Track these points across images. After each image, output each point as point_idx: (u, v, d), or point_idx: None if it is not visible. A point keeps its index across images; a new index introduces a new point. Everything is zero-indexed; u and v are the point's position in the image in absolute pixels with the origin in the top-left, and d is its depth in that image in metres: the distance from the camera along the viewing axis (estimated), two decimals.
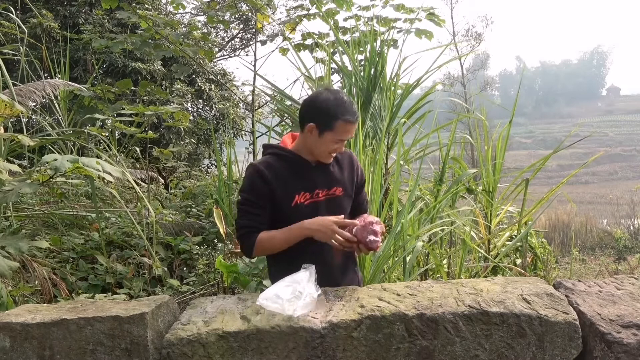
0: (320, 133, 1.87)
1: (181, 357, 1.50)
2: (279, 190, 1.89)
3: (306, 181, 1.93)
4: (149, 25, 5.43)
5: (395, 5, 5.55)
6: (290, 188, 1.91)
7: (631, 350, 1.44)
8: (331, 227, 1.79)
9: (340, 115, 1.84)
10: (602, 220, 14.80)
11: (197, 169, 9.24)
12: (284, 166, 1.93)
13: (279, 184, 1.89)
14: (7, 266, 2.35)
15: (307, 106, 1.93)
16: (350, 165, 2.06)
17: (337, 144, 1.89)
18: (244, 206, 1.91)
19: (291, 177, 1.92)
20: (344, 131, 1.86)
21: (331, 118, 1.85)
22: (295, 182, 1.92)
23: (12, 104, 2.75)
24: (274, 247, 1.90)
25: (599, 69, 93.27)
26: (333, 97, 1.88)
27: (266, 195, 1.88)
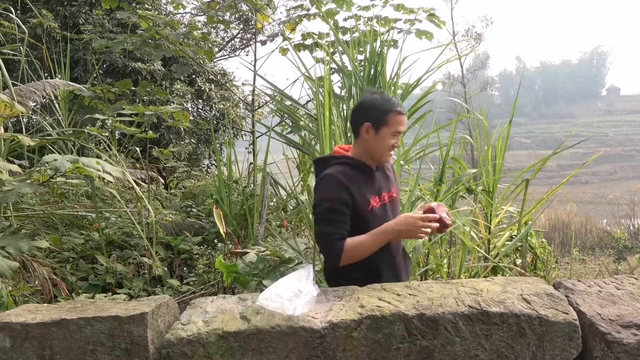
0: (377, 130, 1.95)
1: (181, 357, 1.50)
2: (357, 196, 1.92)
3: (374, 185, 2.01)
4: (149, 25, 5.44)
5: (395, 5, 5.55)
6: (365, 193, 1.95)
7: (631, 350, 1.44)
8: (417, 224, 1.84)
9: (392, 108, 1.94)
10: (602, 220, 14.80)
11: (197, 169, 9.23)
12: (356, 173, 1.97)
13: (356, 191, 1.92)
14: (7, 266, 2.35)
15: (357, 110, 2.04)
16: (392, 168, 2.20)
17: (394, 138, 1.97)
18: (326, 215, 1.89)
19: (363, 183, 1.97)
20: (397, 123, 1.95)
21: (383, 112, 1.94)
22: (367, 187, 1.98)
23: (12, 104, 2.75)
24: (363, 252, 1.89)
25: (599, 69, 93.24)
26: (379, 95, 2.01)
27: (347, 203, 1.89)
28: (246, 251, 3.21)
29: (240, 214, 4.55)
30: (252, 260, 2.99)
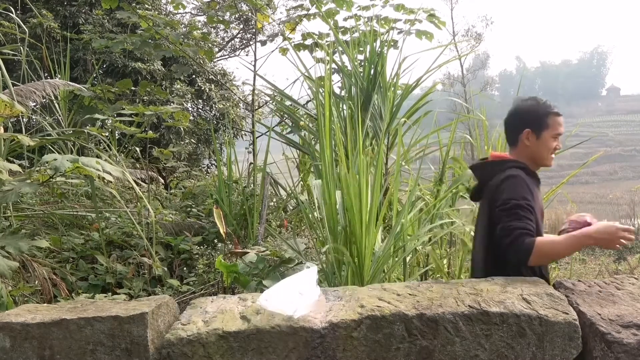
0: (538, 135, 2.01)
1: (181, 357, 1.50)
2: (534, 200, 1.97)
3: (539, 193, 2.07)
4: (149, 25, 5.43)
5: (395, 5, 5.55)
6: (537, 198, 2.01)
7: (631, 350, 1.44)
8: (618, 234, 1.80)
9: (550, 110, 2.00)
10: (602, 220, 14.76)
11: (197, 169, 9.23)
12: (530, 179, 2.02)
13: (533, 195, 1.97)
14: (6, 266, 2.35)
15: (513, 118, 2.09)
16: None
17: (556, 140, 2.03)
18: (515, 210, 1.88)
19: (535, 189, 2.03)
20: (557, 124, 2.01)
21: (543, 116, 2.00)
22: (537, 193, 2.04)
23: (11, 104, 2.75)
24: (556, 253, 1.89)
25: (599, 69, 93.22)
26: (534, 100, 2.05)
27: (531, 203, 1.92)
28: (246, 251, 3.21)
29: (240, 214, 4.55)
30: (252, 260, 2.99)
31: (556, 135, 2.02)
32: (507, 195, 1.92)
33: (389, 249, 2.79)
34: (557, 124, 2.01)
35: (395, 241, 2.85)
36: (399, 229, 2.86)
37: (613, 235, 1.80)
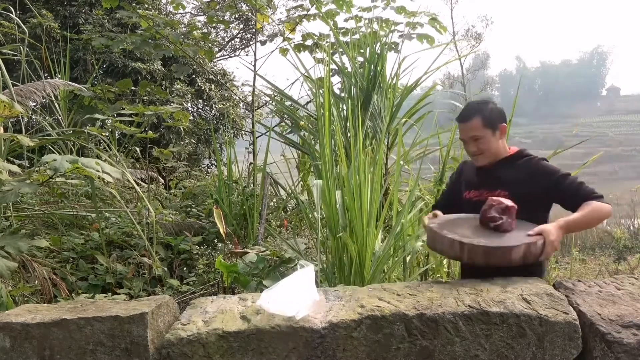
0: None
1: (181, 357, 1.50)
2: (460, 183, 2.30)
3: (475, 180, 2.22)
4: (149, 24, 5.43)
5: (396, 8, 5.54)
6: (465, 184, 2.27)
7: (631, 350, 1.44)
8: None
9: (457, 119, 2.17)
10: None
11: (197, 169, 9.23)
12: (471, 166, 2.27)
13: (462, 179, 2.30)
14: (5, 266, 2.35)
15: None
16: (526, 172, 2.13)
17: (465, 144, 2.18)
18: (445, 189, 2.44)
19: (468, 176, 2.28)
20: (459, 131, 2.18)
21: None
22: (469, 180, 2.26)
23: (11, 104, 2.75)
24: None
25: (599, 69, 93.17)
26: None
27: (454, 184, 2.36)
28: (246, 251, 3.21)
29: (240, 214, 4.55)
30: (252, 260, 2.99)
31: (462, 140, 2.20)
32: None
33: (389, 249, 2.79)
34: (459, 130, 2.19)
35: (395, 241, 2.85)
36: (399, 229, 2.86)
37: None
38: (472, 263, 1.83)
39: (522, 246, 1.75)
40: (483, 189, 2.16)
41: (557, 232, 1.88)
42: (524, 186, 2.09)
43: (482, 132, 2.11)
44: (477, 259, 1.76)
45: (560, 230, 1.91)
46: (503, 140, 2.19)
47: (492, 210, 1.90)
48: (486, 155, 2.15)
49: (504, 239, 1.80)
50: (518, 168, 2.15)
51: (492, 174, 2.16)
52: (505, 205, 1.89)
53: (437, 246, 1.90)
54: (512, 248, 1.74)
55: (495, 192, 2.10)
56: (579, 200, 2.06)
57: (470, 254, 1.75)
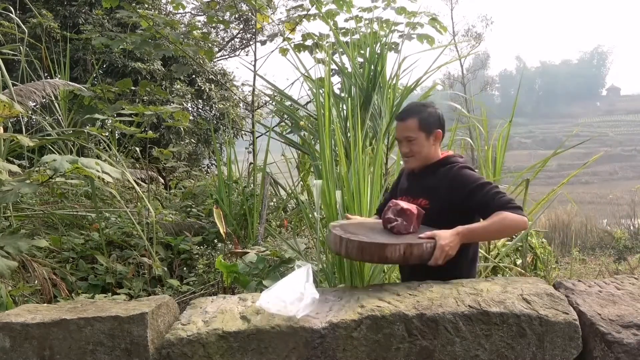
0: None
1: (181, 357, 1.50)
2: (397, 188, 2.30)
3: (404, 186, 2.23)
4: (149, 24, 5.43)
5: (396, 9, 5.54)
6: (399, 188, 2.27)
7: (631, 350, 1.44)
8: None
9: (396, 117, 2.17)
10: (602, 220, 14.78)
11: (197, 169, 9.23)
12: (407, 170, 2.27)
13: (398, 183, 2.31)
14: (5, 266, 2.35)
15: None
16: (445, 180, 2.07)
17: (399, 144, 2.17)
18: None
19: (403, 180, 2.28)
20: (396, 129, 2.17)
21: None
22: (402, 185, 2.26)
23: (11, 104, 2.75)
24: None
25: (599, 69, 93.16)
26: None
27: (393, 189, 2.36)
28: (246, 251, 3.21)
29: (240, 214, 4.55)
30: (252, 260, 2.99)
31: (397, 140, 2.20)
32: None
33: None
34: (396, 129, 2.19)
35: None
36: None
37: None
38: (349, 257, 1.89)
39: (401, 246, 1.73)
40: (409, 195, 2.13)
41: (451, 238, 1.80)
42: (443, 195, 2.04)
43: (416, 134, 2.08)
44: (353, 254, 1.79)
45: (457, 236, 1.83)
46: (437, 147, 2.14)
47: (389, 212, 1.91)
48: (417, 159, 2.11)
49: (387, 238, 1.79)
50: (440, 176, 2.09)
51: (418, 181, 2.15)
52: (401, 207, 1.89)
53: (328, 243, 1.95)
54: (385, 245, 1.72)
55: (417, 199, 2.07)
56: (490, 210, 1.96)
57: (347, 248, 1.77)
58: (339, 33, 5.38)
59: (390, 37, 4.93)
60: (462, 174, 2.07)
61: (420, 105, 2.16)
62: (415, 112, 2.10)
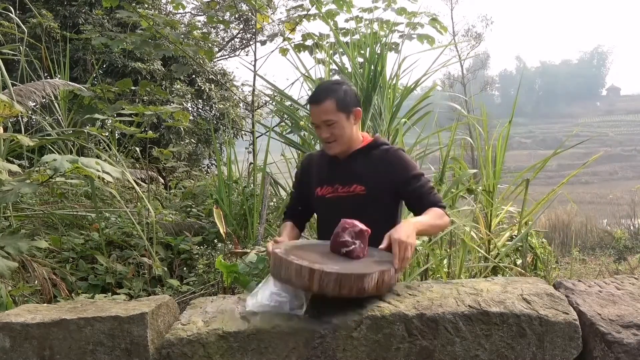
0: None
1: (181, 357, 1.50)
2: (309, 180, 2.07)
3: (328, 175, 2.00)
4: (149, 24, 5.43)
5: (396, 9, 5.53)
6: (315, 179, 2.04)
7: (631, 351, 1.44)
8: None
9: (307, 100, 1.99)
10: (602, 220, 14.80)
11: (197, 169, 9.24)
12: (319, 159, 2.07)
13: (310, 175, 2.07)
14: (6, 266, 2.35)
15: None
16: (382, 164, 1.96)
17: (316, 129, 1.96)
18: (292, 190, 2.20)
19: (319, 169, 2.05)
20: (310, 114, 1.96)
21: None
22: (320, 174, 2.03)
23: (11, 104, 2.75)
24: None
25: (599, 69, 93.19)
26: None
27: (300, 184, 2.13)
28: (246, 251, 3.20)
29: (240, 214, 4.55)
30: (252, 260, 2.98)
31: (314, 125, 1.97)
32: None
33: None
34: (310, 113, 1.97)
35: None
36: None
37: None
38: (323, 293, 1.49)
39: (375, 274, 1.53)
40: (337, 183, 1.95)
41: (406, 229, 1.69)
42: (382, 179, 1.93)
43: (336, 116, 1.88)
44: (329, 288, 1.47)
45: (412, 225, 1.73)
46: (357, 127, 1.98)
47: (345, 233, 1.67)
48: (340, 143, 1.93)
49: (356, 266, 1.58)
50: (373, 159, 1.96)
51: (347, 166, 1.96)
52: (360, 228, 1.67)
53: (282, 273, 1.54)
54: (364, 275, 1.51)
55: (351, 186, 1.93)
56: (425, 204, 1.92)
57: (322, 282, 1.47)
58: (339, 33, 5.38)
59: (391, 38, 4.93)
60: (403, 157, 1.98)
61: (334, 84, 1.96)
62: (330, 91, 1.89)
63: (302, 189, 2.11)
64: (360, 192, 1.93)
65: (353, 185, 1.93)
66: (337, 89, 1.91)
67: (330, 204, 1.95)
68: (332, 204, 1.95)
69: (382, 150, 1.98)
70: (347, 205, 1.92)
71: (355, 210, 1.84)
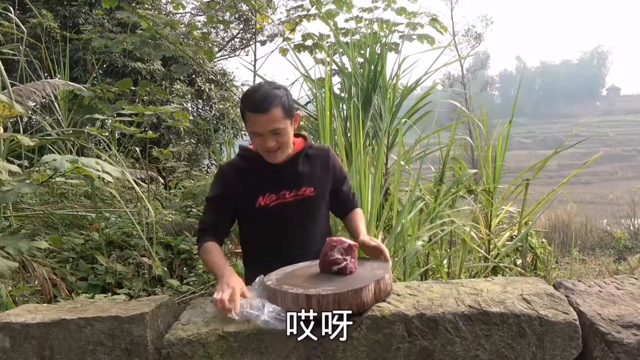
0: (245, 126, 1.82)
1: (181, 357, 1.50)
2: (243, 191, 1.86)
3: (271, 182, 1.86)
4: (149, 25, 5.43)
5: (396, 9, 5.53)
6: (253, 189, 1.86)
7: (631, 350, 1.44)
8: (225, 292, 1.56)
9: (246, 106, 1.76)
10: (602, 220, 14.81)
11: (197, 169, 9.24)
12: (248, 167, 1.88)
13: (242, 186, 1.86)
14: (6, 266, 2.35)
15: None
16: (324, 164, 1.96)
17: (258, 138, 1.77)
18: (207, 204, 1.93)
19: (255, 178, 1.86)
20: (252, 123, 1.75)
21: (242, 110, 1.80)
22: (259, 183, 1.86)
23: (10, 104, 2.75)
24: (206, 263, 1.86)
25: (599, 69, 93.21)
26: (249, 88, 1.84)
27: (227, 197, 1.87)
28: None
29: None
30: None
31: (253, 133, 1.77)
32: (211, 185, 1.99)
33: (389, 249, 2.79)
34: (251, 122, 1.75)
35: (395, 241, 2.85)
36: (399, 229, 2.86)
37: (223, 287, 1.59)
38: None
39: (370, 285, 1.53)
40: (283, 189, 1.86)
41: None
42: (327, 180, 1.94)
43: (284, 124, 1.76)
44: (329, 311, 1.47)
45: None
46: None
47: (335, 251, 1.64)
48: (284, 150, 1.82)
49: (350, 282, 1.57)
50: (317, 161, 1.93)
51: (292, 171, 1.88)
52: (348, 244, 1.66)
53: (278, 305, 1.53)
54: (361, 290, 1.50)
55: (300, 189, 1.87)
56: (350, 205, 2.03)
57: (321, 306, 1.46)
58: (339, 33, 5.38)
59: (391, 38, 4.93)
60: (338, 159, 2.01)
61: (275, 88, 1.78)
62: (275, 98, 1.74)
63: (226, 204, 1.89)
64: (310, 194, 1.89)
65: (302, 188, 1.88)
66: (280, 95, 1.76)
67: (276, 212, 1.86)
68: (278, 212, 1.86)
69: (321, 152, 1.98)
70: (295, 210, 1.88)
71: (305, 213, 1.88)
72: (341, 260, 1.64)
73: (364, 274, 1.64)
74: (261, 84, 1.85)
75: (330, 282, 1.57)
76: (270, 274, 1.70)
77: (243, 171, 1.88)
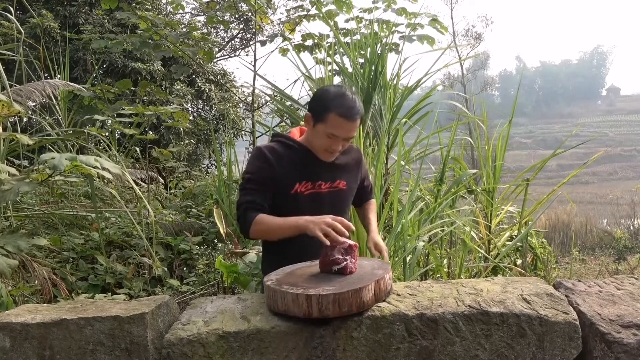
0: (314, 124, 1.84)
1: (181, 357, 1.50)
2: (281, 175, 1.87)
3: (309, 171, 1.90)
4: (149, 25, 5.43)
5: (397, 10, 5.53)
6: (292, 175, 1.88)
7: (631, 350, 1.44)
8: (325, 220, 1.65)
9: (334, 108, 1.78)
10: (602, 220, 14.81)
11: (197, 169, 9.24)
12: (288, 154, 1.91)
13: (281, 170, 1.87)
14: (6, 264, 2.35)
15: (312, 96, 1.97)
16: (357, 161, 2.08)
17: (330, 140, 1.82)
18: (247, 184, 1.87)
19: (294, 165, 1.89)
20: (335, 125, 1.78)
21: (324, 109, 1.80)
22: (297, 170, 1.89)
23: (9, 103, 2.74)
24: (269, 230, 1.82)
25: (599, 69, 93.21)
26: (334, 90, 1.84)
27: (269, 178, 1.86)
28: (246, 251, 3.21)
29: None
30: (252, 260, 2.99)
31: (330, 135, 1.81)
32: (245, 170, 1.96)
33: (389, 249, 2.79)
34: (335, 125, 1.78)
35: (395, 241, 2.85)
36: (400, 229, 2.86)
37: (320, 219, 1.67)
38: (324, 317, 1.48)
39: (371, 285, 1.53)
40: (320, 180, 1.92)
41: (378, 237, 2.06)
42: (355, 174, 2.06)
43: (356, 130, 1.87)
44: (329, 310, 1.47)
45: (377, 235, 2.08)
46: None
47: (335, 251, 1.64)
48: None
49: (350, 282, 1.56)
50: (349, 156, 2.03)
51: (328, 163, 1.93)
52: (348, 244, 1.65)
53: (279, 305, 1.53)
54: (361, 289, 1.50)
55: (335, 181, 1.95)
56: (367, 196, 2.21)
57: (321, 305, 1.46)
58: (339, 33, 5.38)
59: (391, 38, 4.93)
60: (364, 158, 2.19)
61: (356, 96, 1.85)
62: (360, 108, 1.84)
63: (269, 183, 1.88)
64: (343, 188, 1.98)
65: (337, 181, 1.96)
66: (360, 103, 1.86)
67: (309, 200, 1.90)
68: (311, 200, 1.90)
69: (353, 148, 2.10)
70: (327, 201, 1.94)
71: (335, 205, 1.95)
72: (341, 260, 1.64)
73: (364, 274, 1.64)
74: (344, 88, 1.89)
75: (330, 282, 1.57)
76: (270, 274, 1.70)
77: (284, 157, 1.90)
